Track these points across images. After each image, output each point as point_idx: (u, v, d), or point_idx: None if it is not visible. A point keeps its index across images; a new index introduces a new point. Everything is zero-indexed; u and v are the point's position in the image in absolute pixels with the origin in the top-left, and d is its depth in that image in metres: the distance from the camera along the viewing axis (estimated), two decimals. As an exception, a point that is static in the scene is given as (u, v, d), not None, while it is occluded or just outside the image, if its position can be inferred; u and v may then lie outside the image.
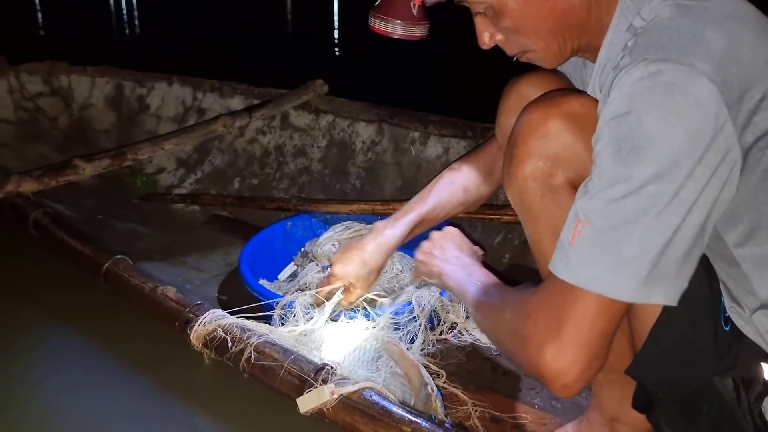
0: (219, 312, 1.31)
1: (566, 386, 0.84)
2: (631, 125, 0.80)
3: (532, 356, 0.85)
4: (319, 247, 1.92)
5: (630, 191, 0.80)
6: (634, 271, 0.81)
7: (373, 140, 2.47)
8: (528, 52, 1.03)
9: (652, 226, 0.81)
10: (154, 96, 2.80)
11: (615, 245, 0.81)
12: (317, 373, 1.13)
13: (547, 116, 1.00)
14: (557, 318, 0.84)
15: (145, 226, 2.34)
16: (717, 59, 0.80)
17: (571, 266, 0.84)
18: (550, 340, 0.83)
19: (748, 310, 0.92)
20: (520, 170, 1.02)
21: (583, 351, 0.83)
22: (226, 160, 2.62)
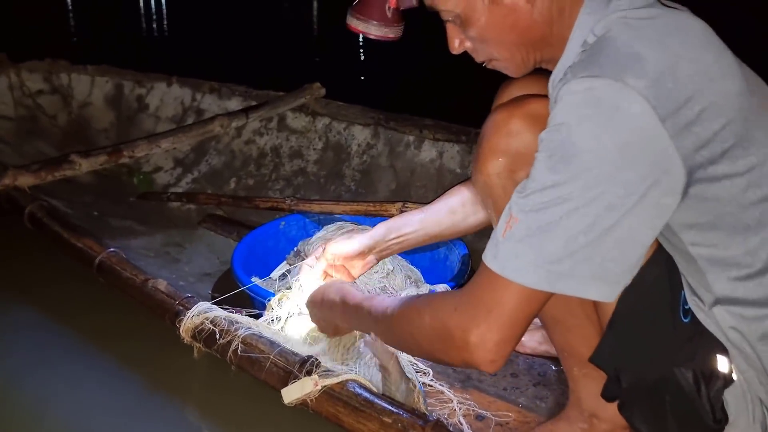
0: (207, 305, 1.34)
1: (493, 361, 0.94)
2: (562, 135, 0.87)
3: (459, 339, 0.94)
4: (311, 247, 1.93)
5: (557, 196, 0.87)
6: (555, 266, 0.88)
7: (368, 143, 2.49)
8: (493, 60, 1.09)
9: (574, 228, 0.87)
10: (153, 96, 2.83)
11: (539, 243, 0.88)
12: (302, 365, 1.15)
13: (511, 116, 1.05)
14: (486, 303, 0.93)
15: (141, 224, 2.36)
16: (651, 76, 0.85)
17: (499, 258, 0.92)
18: (479, 322, 0.93)
19: (707, 304, 0.97)
20: (485, 167, 1.07)
21: (508, 332, 0.93)
22: (222, 160, 2.64)
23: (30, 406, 1.41)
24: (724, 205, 0.91)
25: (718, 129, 0.88)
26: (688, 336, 1.00)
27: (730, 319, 0.96)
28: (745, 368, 0.98)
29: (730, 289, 0.95)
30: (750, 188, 0.91)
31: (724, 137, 0.88)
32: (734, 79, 0.91)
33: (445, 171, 2.32)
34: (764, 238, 0.93)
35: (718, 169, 0.90)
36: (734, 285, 0.95)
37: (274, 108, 2.45)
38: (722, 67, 0.91)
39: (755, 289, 0.94)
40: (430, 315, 1.01)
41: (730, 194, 0.91)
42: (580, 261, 0.88)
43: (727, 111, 0.89)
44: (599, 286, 0.90)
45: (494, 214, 1.12)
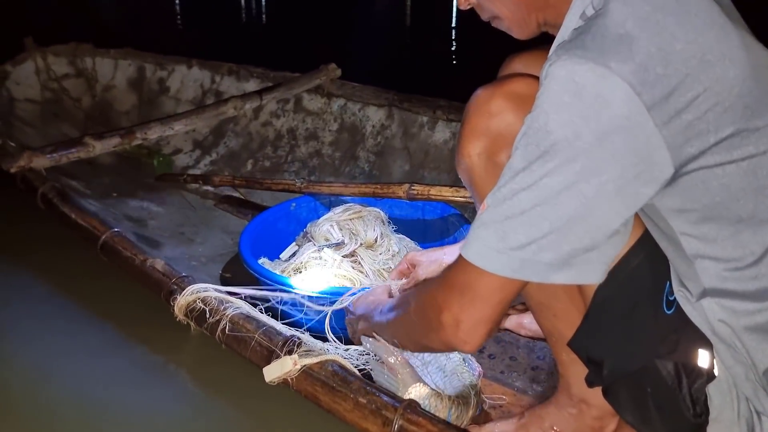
0: (200, 285, 1.35)
1: (465, 342, 0.96)
2: (540, 122, 0.84)
3: (435, 320, 0.97)
4: (317, 228, 1.94)
5: (528, 184, 0.85)
6: (517, 252, 0.88)
7: (383, 124, 2.48)
8: (497, 19, 1.06)
9: (540, 217, 0.85)
10: (174, 79, 2.86)
11: (502, 229, 0.88)
12: (284, 344, 1.16)
13: (492, 96, 1.02)
14: (458, 286, 0.95)
15: (159, 205, 2.40)
16: (639, 60, 0.80)
17: (468, 244, 0.92)
18: (451, 304, 0.95)
19: (694, 296, 0.93)
20: (466, 148, 1.05)
21: (480, 314, 0.95)
22: (240, 142, 2.67)
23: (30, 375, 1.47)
24: (715, 194, 0.86)
25: (713, 117, 0.82)
26: (672, 328, 0.96)
27: (720, 312, 0.92)
28: (732, 364, 0.94)
29: (720, 281, 0.91)
30: (745, 178, 0.86)
31: (719, 126, 0.83)
32: (736, 63, 0.84)
33: (459, 152, 2.28)
34: (758, 231, 0.88)
35: (710, 159, 0.84)
36: (725, 277, 0.90)
37: (289, 89, 2.46)
38: (724, 49, 0.84)
39: (747, 283, 0.89)
40: (414, 302, 1.03)
41: (722, 183, 0.86)
42: (545, 248, 0.87)
43: (724, 98, 0.82)
44: (567, 272, 0.89)
45: (476, 196, 1.09)
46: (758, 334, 0.91)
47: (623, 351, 1.00)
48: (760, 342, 0.91)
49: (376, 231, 1.92)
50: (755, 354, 0.91)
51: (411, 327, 1.05)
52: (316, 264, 1.83)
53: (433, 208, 2.04)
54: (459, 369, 1.29)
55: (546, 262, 0.88)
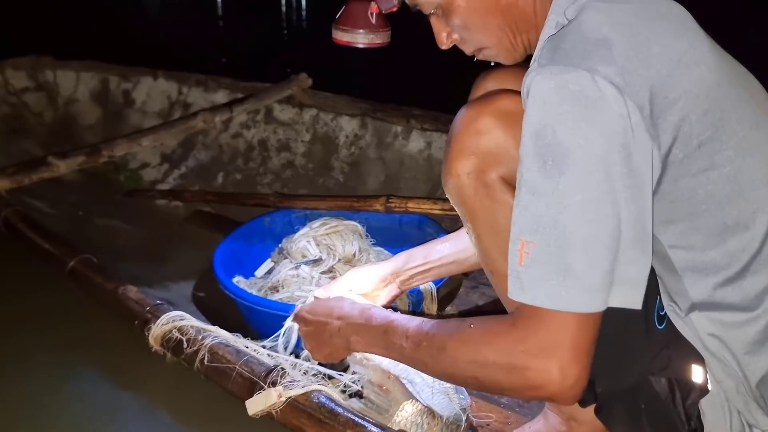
0: (177, 313, 1.30)
1: (575, 396, 0.86)
2: (548, 137, 0.81)
3: (538, 383, 0.85)
4: (293, 244, 1.90)
5: (564, 205, 0.81)
6: (585, 282, 0.81)
7: (356, 134, 2.44)
8: (484, 49, 1.04)
9: (591, 235, 0.80)
10: (139, 91, 2.79)
11: (562, 261, 0.81)
12: (267, 374, 1.12)
13: (479, 114, 1.00)
14: (545, 340, 0.84)
15: (127, 223, 2.34)
16: (621, 62, 0.80)
17: (527, 288, 0.84)
18: (551, 366, 0.83)
19: (683, 310, 0.93)
20: (454, 167, 1.02)
21: (582, 362, 0.84)
22: (210, 155, 2.61)
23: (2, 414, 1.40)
24: (701, 202, 0.87)
25: (695, 119, 0.83)
26: (664, 343, 0.96)
27: (709, 326, 0.92)
28: (723, 377, 0.93)
29: (707, 294, 0.91)
30: (728, 184, 0.86)
31: (700, 129, 0.83)
32: (710, 68, 0.86)
33: (434, 162, 2.27)
34: (743, 238, 0.88)
35: (694, 165, 0.85)
36: (713, 289, 0.90)
37: (259, 100, 2.41)
38: (697, 54, 0.86)
39: (734, 293, 0.89)
40: (494, 356, 0.89)
41: (707, 191, 0.86)
42: (609, 269, 0.82)
43: (702, 101, 0.83)
44: (632, 291, 0.85)
45: (466, 217, 1.07)
46: (748, 345, 0.90)
47: (617, 368, 0.98)
48: (750, 354, 0.91)
49: (354, 246, 1.89)
50: (746, 366, 0.91)
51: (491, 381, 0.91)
52: (293, 282, 1.79)
53: (410, 218, 2.01)
54: (449, 390, 1.27)
55: (609, 282, 0.83)
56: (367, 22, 1.17)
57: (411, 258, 1.35)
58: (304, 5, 7.17)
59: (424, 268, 1.33)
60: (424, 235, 1.97)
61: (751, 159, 0.87)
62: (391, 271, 1.34)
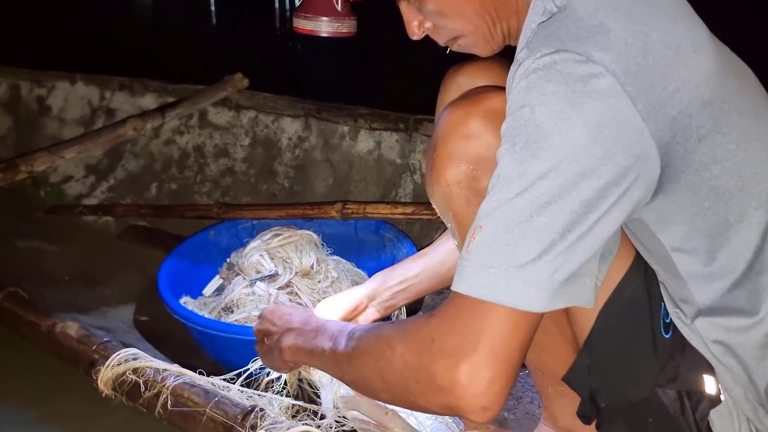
0: (129, 351, 1.15)
1: (486, 408, 0.73)
2: (525, 118, 0.74)
3: (443, 383, 0.74)
4: (245, 259, 1.77)
5: (523, 188, 0.73)
6: (531, 275, 0.73)
7: (300, 136, 2.32)
8: (459, 38, 0.95)
9: (547, 225, 0.73)
10: (55, 96, 2.56)
11: (508, 248, 0.73)
12: (245, 417, 0.99)
13: (468, 116, 0.91)
14: (464, 335, 0.74)
15: (52, 243, 2.14)
16: (618, 49, 0.74)
17: (465, 276, 0.75)
18: (462, 361, 0.73)
19: (689, 317, 0.88)
20: (442, 176, 0.93)
21: (500, 367, 0.73)
22: (141, 164, 2.41)
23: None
24: (704, 198, 0.81)
25: (695, 111, 0.77)
26: (670, 353, 0.91)
27: (713, 332, 0.87)
28: (731, 385, 0.90)
29: (714, 299, 0.86)
30: (730, 179, 0.81)
31: (700, 121, 0.78)
32: (709, 56, 0.80)
33: (385, 162, 2.18)
34: (747, 237, 0.83)
35: (695, 159, 0.79)
36: (719, 294, 0.85)
37: (193, 104, 2.24)
38: (696, 41, 0.80)
39: (740, 295, 0.85)
40: (402, 348, 0.80)
41: (710, 186, 0.81)
42: (556, 264, 0.73)
43: (702, 91, 0.78)
44: (566, 294, 0.76)
45: (456, 230, 0.98)
46: (754, 350, 0.86)
47: (623, 382, 0.94)
48: (758, 359, 0.87)
49: (312, 257, 1.77)
50: (753, 372, 0.87)
51: (397, 379, 0.83)
52: (249, 301, 1.66)
53: (366, 224, 1.91)
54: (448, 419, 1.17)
55: (558, 281, 0.74)
56: (331, 10, 1.06)
57: (387, 278, 1.26)
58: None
59: (403, 286, 1.24)
60: (383, 240, 1.88)
61: (752, 152, 0.82)
62: (365, 295, 1.24)
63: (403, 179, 2.13)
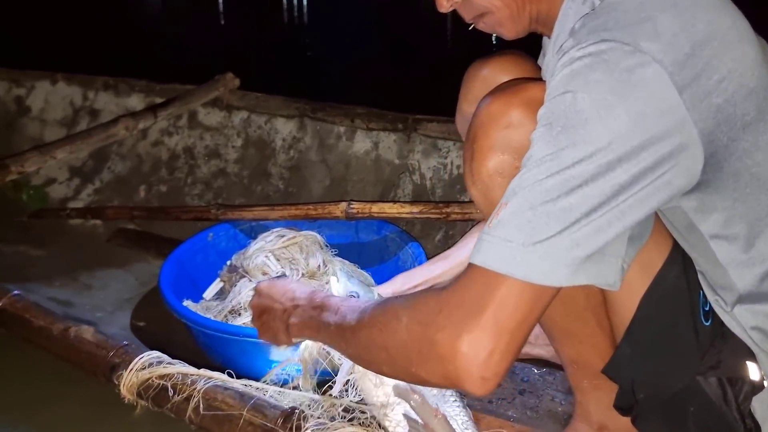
0: (152, 354, 1.10)
1: (484, 379, 0.74)
2: (566, 104, 0.75)
3: (444, 352, 0.75)
4: (250, 260, 1.72)
5: (555, 170, 0.74)
6: (549, 250, 0.74)
7: (294, 137, 2.28)
8: (485, 15, 0.96)
9: (573, 206, 0.74)
10: (35, 97, 2.47)
11: (528, 224, 0.74)
12: (286, 419, 0.96)
13: (509, 105, 0.90)
14: (471, 305, 0.75)
15: (37, 248, 2.06)
16: (666, 39, 0.76)
17: (482, 249, 0.76)
18: (465, 330, 0.74)
19: (729, 304, 0.89)
20: (483, 166, 0.92)
21: (501, 339, 0.74)
22: (128, 166, 2.34)
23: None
24: (745, 185, 0.83)
25: (739, 100, 0.79)
26: (711, 341, 0.92)
27: (752, 319, 0.88)
28: None
29: (754, 285, 0.87)
30: None
31: (745, 108, 0.79)
32: (753, 45, 0.82)
33: (383, 162, 2.15)
34: None
35: (739, 147, 0.80)
36: (756, 279, 0.87)
37: (185, 103, 2.18)
38: (740, 31, 0.82)
39: None
40: (408, 318, 0.80)
41: (752, 173, 0.83)
42: (577, 241, 0.74)
43: (747, 80, 0.79)
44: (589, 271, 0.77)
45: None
46: None
47: (665, 371, 0.95)
48: None
49: (318, 258, 1.73)
50: None
51: (400, 349, 0.81)
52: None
53: (368, 225, 1.88)
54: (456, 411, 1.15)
55: (579, 257, 0.74)
56: None
57: (409, 278, 1.26)
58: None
59: (426, 287, 1.24)
60: (385, 241, 1.86)
61: None
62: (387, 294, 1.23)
63: (402, 180, 2.10)
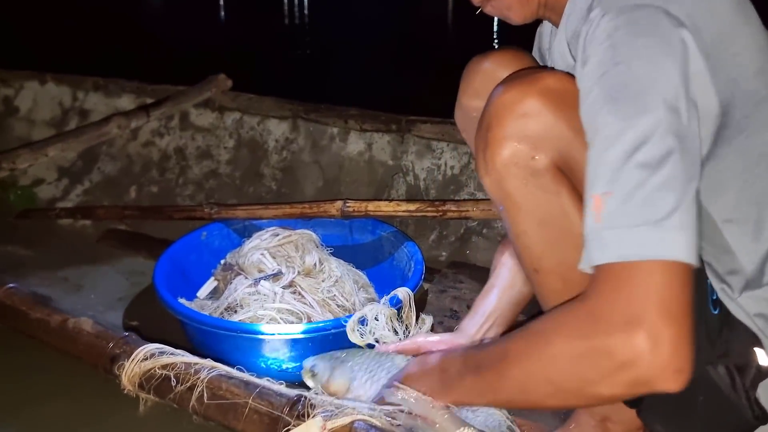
0: (154, 345, 1.08)
1: (679, 371, 0.69)
2: (622, 75, 0.75)
3: (625, 357, 0.69)
4: (245, 258, 1.71)
5: (640, 142, 0.72)
6: (678, 224, 0.71)
7: (287, 138, 2.27)
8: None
9: (673, 177, 0.72)
10: (24, 97, 2.45)
11: (646, 204, 0.71)
12: (293, 406, 0.95)
13: (525, 94, 0.90)
14: (630, 302, 0.70)
15: (26, 248, 2.03)
16: (689, 5, 0.78)
17: (610, 245, 0.72)
18: (638, 328, 0.68)
19: (736, 290, 0.90)
20: (498, 155, 0.92)
21: (680, 323, 0.69)
22: (118, 166, 2.32)
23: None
24: (755, 164, 0.84)
25: (751, 76, 0.81)
26: (719, 330, 0.92)
27: (755, 306, 0.89)
28: None
29: (759, 269, 0.88)
30: None
31: (756, 86, 0.82)
32: (758, 26, 0.85)
33: (376, 164, 2.15)
34: None
35: (750, 123, 0.82)
36: (763, 263, 0.87)
37: (177, 104, 2.17)
38: (748, 11, 0.85)
39: None
40: (563, 340, 0.75)
41: (760, 152, 0.84)
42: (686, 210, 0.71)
43: (756, 58, 0.82)
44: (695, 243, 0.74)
45: (508, 212, 0.97)
46: None
47: None
48: None
49: (314, 255, 1.73)
50: None
51: (568, 375, 0.75)
52: (253, 300, 1.60)
53: (362, 225, 1.88)
54: None
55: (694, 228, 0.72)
56: None
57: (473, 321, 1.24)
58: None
59: (489, 323, 1.23)
60: (380, 240, 1.86)
61: None
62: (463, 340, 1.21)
63: (395, 181, 2.11)
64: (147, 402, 1.05)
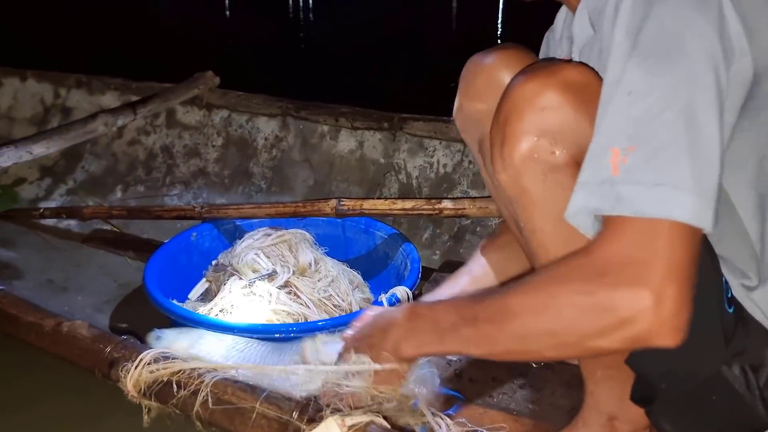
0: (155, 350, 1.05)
1: (678, 329, 0.71)
2: (653, 30, 0.73)
3: (628, 313, 0.70)
4: (239, 259, 1.68)
5: (672, 101, 0.71)
6: (700, 187, 0.71)
7: (276, 136, 2.24)
8: None
9: (700, 140, 0.71)
10: (3, 94, 2.39)
11: (672, 164, 0.71)
12: (302, 410, 0.92)
13: (545, 87, 0.87)
14: (639, 258, 0.70)
15: (8, 250, 1.98)
16: None
17: (629, 198, 0.72)
18: (644, 285, 0.69)
19: (752, 288, 0.88)
20: (516, 150, 0.89)
21: (683, 285, 0.70)
22: (103, 165, 2.27)
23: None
24: None
25: None
26: (734, 328, 0.90)
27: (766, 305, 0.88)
28: None
29: None
30: None
31: None
32: None
33: (368, 162, 2.13)
34: None
35: None
36: None
37: (165, 101, 2.13)
38: None
39: None
40: (568, 293, 0.75)
41: None
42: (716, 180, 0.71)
43: None
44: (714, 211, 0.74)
45: (522, 208, 0.94)
46: None
47: (693, 361, 0.90)
48: None
49: (309, 255, 1.70)
50: None
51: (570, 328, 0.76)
52: (247, 301, 1.57)
53: (354, 222, 1.86)
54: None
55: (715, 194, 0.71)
56: None
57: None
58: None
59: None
60: (373, 239, 1.84)
61: None
62: None
63: (387, 179, 2.09)
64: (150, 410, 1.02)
